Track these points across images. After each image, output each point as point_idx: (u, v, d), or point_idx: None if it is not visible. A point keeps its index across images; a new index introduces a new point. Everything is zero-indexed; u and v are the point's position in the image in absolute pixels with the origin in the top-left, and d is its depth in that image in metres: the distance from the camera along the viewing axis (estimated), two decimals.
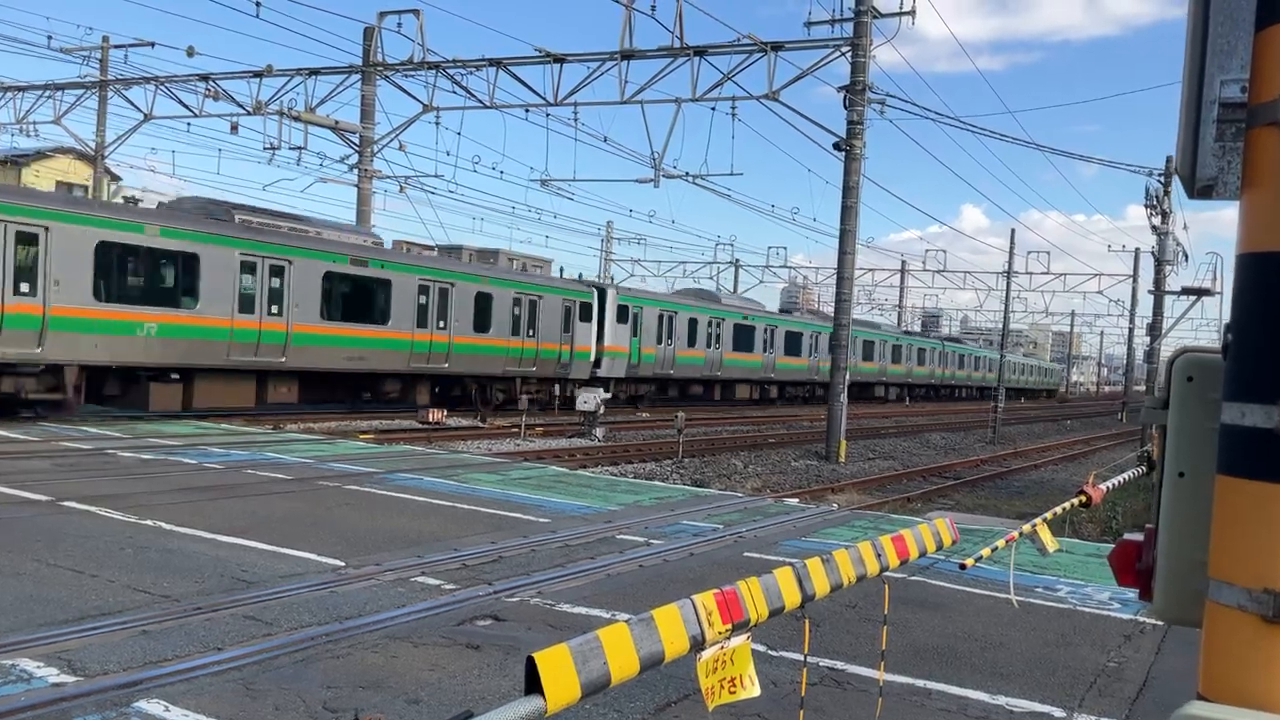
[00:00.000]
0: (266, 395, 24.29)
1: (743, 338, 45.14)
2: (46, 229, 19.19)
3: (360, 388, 27.68)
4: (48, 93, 35.55)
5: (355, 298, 26.01)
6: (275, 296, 23.79)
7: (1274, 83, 1.58)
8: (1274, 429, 1.54)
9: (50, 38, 37.14)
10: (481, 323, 29.79)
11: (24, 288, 18.86)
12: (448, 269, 28.97)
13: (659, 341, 38.96)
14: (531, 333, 31.91)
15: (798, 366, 50.42)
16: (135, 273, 21.25)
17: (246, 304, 23.10)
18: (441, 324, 28.33)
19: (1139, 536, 2.16)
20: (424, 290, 27.81)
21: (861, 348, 55.56)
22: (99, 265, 20.22)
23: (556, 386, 34.04)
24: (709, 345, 42.42)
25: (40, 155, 42.98)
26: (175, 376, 22.04)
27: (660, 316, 39.03)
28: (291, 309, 24.09)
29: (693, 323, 41.19)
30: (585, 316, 34.24)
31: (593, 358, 34.81)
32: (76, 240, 19.74)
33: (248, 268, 23.10)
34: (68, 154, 43.39)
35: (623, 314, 36.39)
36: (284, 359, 24.08)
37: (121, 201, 30.08)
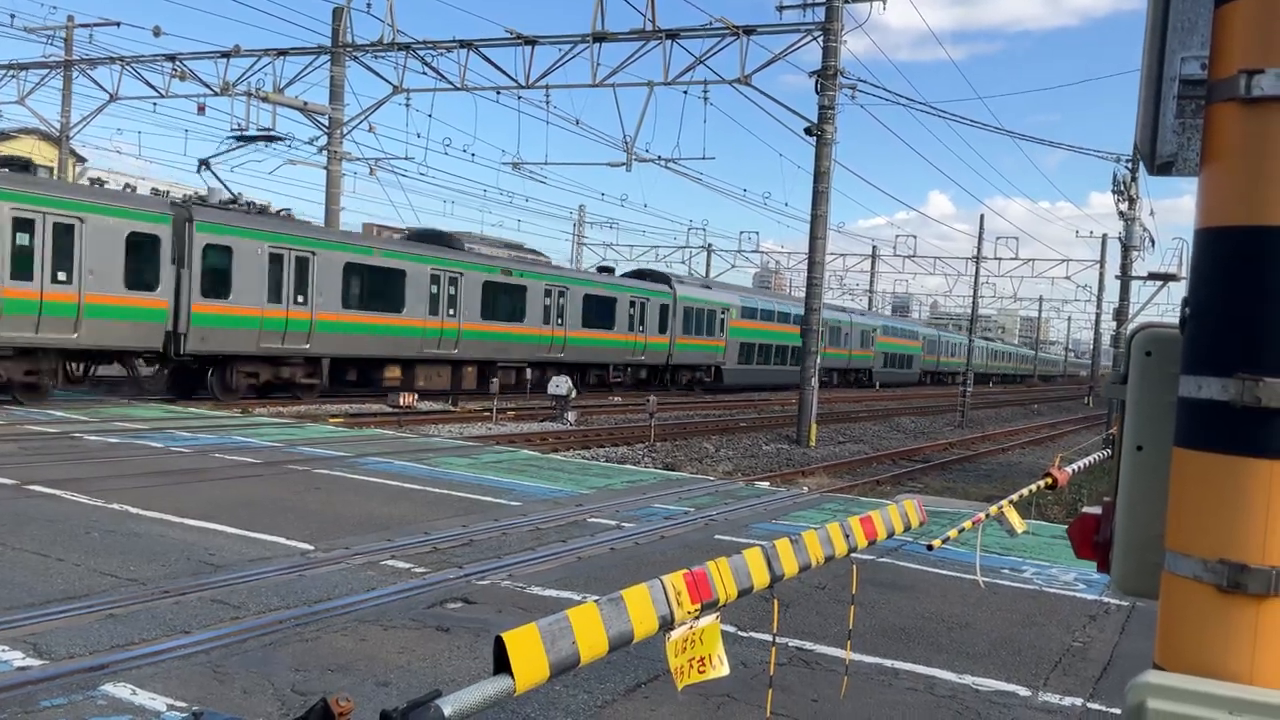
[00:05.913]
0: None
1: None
2: None
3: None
4: (11, 73, 34.97)
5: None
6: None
7: (1233, 59, 1.59)
8: (1230, 401, 1.56)
9: (13, 16, 36.58)
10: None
11: None
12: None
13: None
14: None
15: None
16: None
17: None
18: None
19: (1097, 510, 2.18)
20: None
21: (584, 310, 35.92)
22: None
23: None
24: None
25: (3, 136, 42.28)
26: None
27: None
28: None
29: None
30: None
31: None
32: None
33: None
34: (31, 135, 42.75)
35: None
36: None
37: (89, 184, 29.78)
